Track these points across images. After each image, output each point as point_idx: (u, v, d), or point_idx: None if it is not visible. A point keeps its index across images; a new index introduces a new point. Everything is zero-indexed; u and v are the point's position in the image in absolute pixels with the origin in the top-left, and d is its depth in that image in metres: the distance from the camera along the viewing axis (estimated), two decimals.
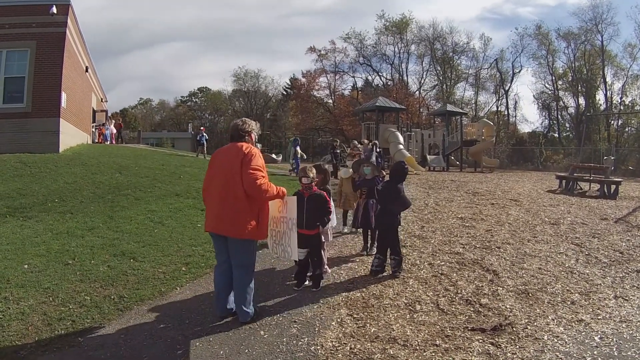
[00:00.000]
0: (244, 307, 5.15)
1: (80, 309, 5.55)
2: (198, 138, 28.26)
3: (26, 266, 6.88)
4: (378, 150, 9.97)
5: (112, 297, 5.95)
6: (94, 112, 30.77)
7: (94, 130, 29.51)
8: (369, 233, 8.07)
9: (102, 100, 37.60)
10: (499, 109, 59.72)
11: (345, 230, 9.39)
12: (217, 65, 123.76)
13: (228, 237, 5.08)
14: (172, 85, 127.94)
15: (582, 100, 53.25)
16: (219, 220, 5.05)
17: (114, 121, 34.39)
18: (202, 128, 31.89)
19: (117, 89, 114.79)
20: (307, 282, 6.38)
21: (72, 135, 19.48)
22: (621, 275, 6.94)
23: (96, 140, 29.20)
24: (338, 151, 20.92)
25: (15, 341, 4.75)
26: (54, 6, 16.76)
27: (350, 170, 8.76)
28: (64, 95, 17.09)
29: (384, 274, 6.80)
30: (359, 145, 11.29)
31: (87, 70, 24.59)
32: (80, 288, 6.19)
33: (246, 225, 5.01)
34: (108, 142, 30.29)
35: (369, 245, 8.05)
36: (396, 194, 6.87)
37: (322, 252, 6.46)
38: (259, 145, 28.95)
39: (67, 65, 17.56)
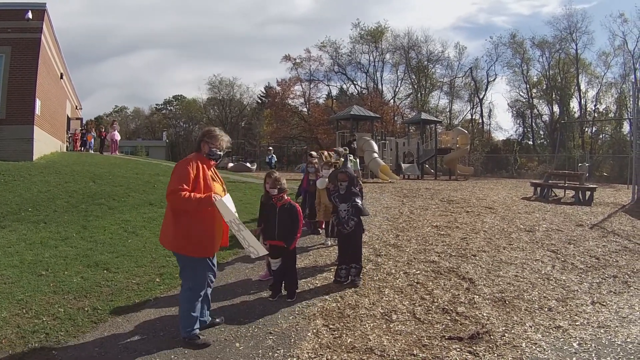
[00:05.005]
0: (182, 332, 4.98)
1: (54, 322, 5.48)
2: (268, 160, 25.60)
3: None
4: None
5: (86, 308, 5.88)
6: (69, 119, 30.26)
7: (69, 136, 28.96)
8: None
9: (76, 108, 37.13)
10: (474, 117, 60.27)
11: (329, 243, 9.17)
12: (192, 73, 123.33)
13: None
14: (147, 93, 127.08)
15: (556, 108, 54.06)
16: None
17: (117, 126, 31.37)
18: (270, 148, 27.89)
19: (92, 96, 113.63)
20: (282, 293, 6.34)
21: (46, 143, 19.18)
22: (598, 281, 7.03)
23: (72, 149, 28.62)
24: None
25: None
26: (30, 11, 16.53)
27: (326, 180, 8.73)
28: (38, 102, 16.80)
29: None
30: (314, 157, 10.55)
31: (62, 77, 24.22)
32: (53, 300, 6.11)
33: (172, 237, 4.89)
34: (111, 153, 28.18)
35: None
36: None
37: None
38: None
39: (42, 72, 17.29)
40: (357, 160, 21.29)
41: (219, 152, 5.06)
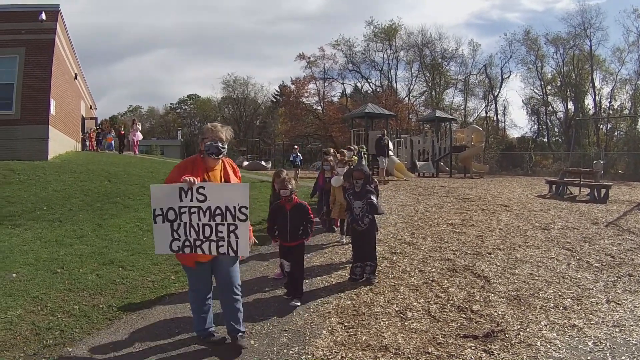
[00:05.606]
0: (195, 329, 5.00)
1: (69, 319, 5.51)
2: (291, 159, 22.15)
3: (14, 275, 6.83)
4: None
5: (101, 306, 5.91)
6: (83, 119, 30.45)
7: (86, 134, 29.09)
8: None
9: (91, 108, 37.41)
10: (488, 114, 59.70)
11: (344, 241, 9.12)
12: (205, 71, 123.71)
13: None
14: (161, 91, 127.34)
15: (571, 105, 53.44)
16: None
17: (138, 126, 29.50)
18: (295, 147, 24.06)
19: (106, 95, 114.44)
20: None
21: (60, 143, 19.35)
22: (613, 279, 6.95)
23: (88, 148, 28.74)
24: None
25: (3, 351, 4.68)
26: (43, 13, 16.67)
27: (341, 178, 8.70)
28: (52, 102, 16.96)
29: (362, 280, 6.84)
30: (330, 155, 10.45)
31: (76, 77, 24.45)
32: (68, 297, 6.15)
33: None
34: (135, 153, 27.80)
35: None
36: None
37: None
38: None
39: (56, 72, 17.46)
40: (386, 159, 21.34)
41: (216, 144, 4.74)
